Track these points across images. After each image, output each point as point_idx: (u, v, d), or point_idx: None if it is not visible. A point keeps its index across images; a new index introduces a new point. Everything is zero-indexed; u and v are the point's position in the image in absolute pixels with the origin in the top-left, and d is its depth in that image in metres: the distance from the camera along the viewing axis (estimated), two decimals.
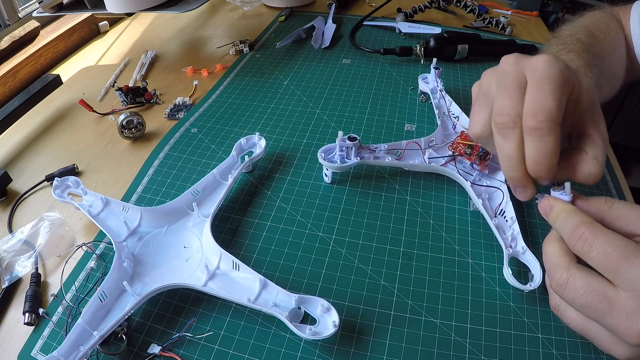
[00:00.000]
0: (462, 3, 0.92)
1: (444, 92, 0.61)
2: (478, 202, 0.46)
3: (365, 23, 0.90)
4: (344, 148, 0.49)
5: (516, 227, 0.43)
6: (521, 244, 0.42)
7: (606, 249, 0.27)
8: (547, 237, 0.33)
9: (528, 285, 0.39)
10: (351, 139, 0.49)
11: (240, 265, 0.40)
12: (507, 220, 0.44)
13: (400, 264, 0.44)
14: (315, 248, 0.45)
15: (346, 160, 0.50)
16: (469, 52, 0.75)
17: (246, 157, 0.52)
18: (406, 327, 0.39)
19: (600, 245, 0.27)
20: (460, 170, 0.49)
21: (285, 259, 0.44)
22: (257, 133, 0.54)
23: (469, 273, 0.43)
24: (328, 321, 0.36)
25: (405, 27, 0.85)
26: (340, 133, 0.48)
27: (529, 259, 0.41)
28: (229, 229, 0.47)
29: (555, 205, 0.32)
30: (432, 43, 0.75)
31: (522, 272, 0.42)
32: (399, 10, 0.93)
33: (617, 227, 0.30)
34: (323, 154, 0.50)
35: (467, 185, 0.48)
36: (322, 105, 0.66)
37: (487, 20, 0.89)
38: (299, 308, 0.38)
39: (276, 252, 0.45)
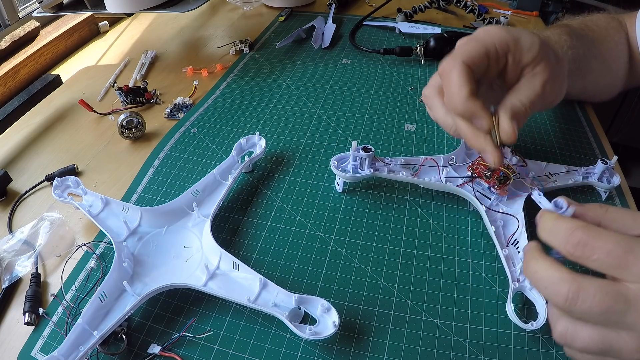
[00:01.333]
0: (462, 3, 0.92)
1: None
2: (491, 230, 0.43)
3: (365, 23, 0.90)
4: (357, 158, 0.48)
5: None
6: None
7: (609, 247, 0.27)
8: (527, 257, 0.30)
9: (530, 324, 0.37)
10: (365, 149, 0.47)
11: (240, 265, 0.40)
12: (519, 252, 0.42)
13: (400, 264, 0.44)
14: (315, 248, 0.45)
15: (359, 170, 0.48)
16: None
17: (246, 157, 0.52)
18: (406, 327, 0.39)
19: (602, 246, 0.27)
20: (477, 192, 0.46)
21: (285, 259, 0.44)
22: (257, 133, 0.54)
23: (469, 273, 0.43)
24: (328, 321, 0.36)
25: (405, 27, 0.85)
26: (354, 143, 0.46)
27: (536, 296, 0.39)
28: (229, 229, 0.47)
29: (544, 215, 0.31)
30: (432, 43, 0.75)
31: (525, 309, 0.40)
32: (399, 10, 0.93)
33: (613, 230, 0.30)
34: (336, 162, 0.49)
35: (482, 210, 0.45)
36: (322, 105, 0.66)
37: (487, 20, 0.89)
38: (299, 308, 0.38)
39: (276, 252, 0.45)
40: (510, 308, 0.38)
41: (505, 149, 0.49)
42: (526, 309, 0.40)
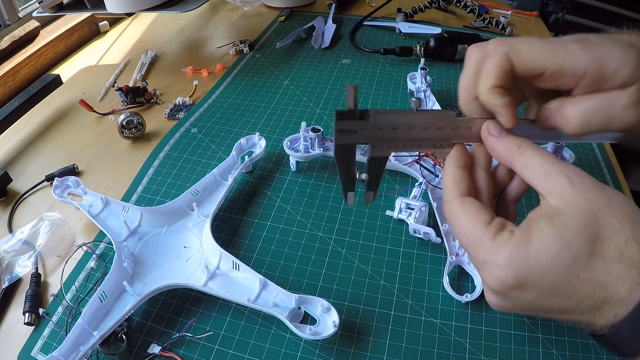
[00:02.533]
0: (462, 3, 0.92)
1: (428, 92, 0.61)
2: (433, 205, 0.46)
3: (365, 23, 0.90)
4: (308, 139, 0.51)
5: None
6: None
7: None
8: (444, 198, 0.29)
9: (465, 296, 0.39)
10: (314, 130, 0.51)
11: (240, 265, 0.40)
12: None
13: (400, 264, 0.44)
14: (315, 248, 0.45)
15: (310, 150, 0.52)
16: None
17: (246, 157, 0.52)
18: (406, 327, 0.39)
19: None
20: (424, 171, 0.49)
21: (285, 259, 0.44)
22: (257, 133, 0.54)
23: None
24: (328, 321, 0.36)
25: (405, 27, 0.85)
26: (303, 124, 0.50)
27: (474, 270, 0.41)
28: (229, 229, 0.47)
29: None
30: (432, 43, 0.75)
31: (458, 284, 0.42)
32: (399, 10, 0.93)
33: (522, 175, 0.28)
34: (289, 143, 0.52)
35: (421, 185, 0.47)
36: (322, 106, 0.66)
37: (487, 20, 0.89)
38: (299, 308, 0.38)
39: (276, 252, 0.45)
40: (446, 280, 0.41)
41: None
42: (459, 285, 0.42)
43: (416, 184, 0.48)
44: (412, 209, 0.45)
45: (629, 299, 0.22)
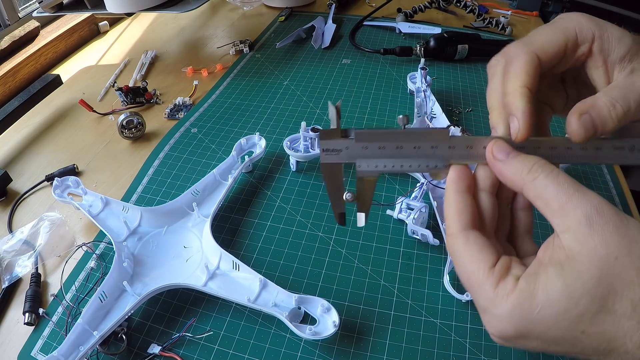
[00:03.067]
0: (462, 3, 0.92)
1: (428, 92, 0.61)
2: (433, 204, 0.45)
3: (365, 23, 0.90)
4: (307, 138, 0.51)
5: None
6: None
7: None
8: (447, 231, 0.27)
9: (466, 295, 0.39)
10: (314, 130, 0.51)
11: (240, 265, 0.40)
12: None
13: (400, 264, 0.44)
14: (315, 248, 0.45)
15: (310, 150, 0.52)
16: (469, 52, 0.75)
17: (246, 157, 0.52)
18: (406, 327, 0.39)
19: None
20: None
21: (285, 259, 0.44)
22: (257, 133, 0.54)
23: None
24: (328, 321, 0.36)
25: (405, 27, 0.85)
26: (303, 124, 0.50)
27: None
28: (229, 229, 0.47)
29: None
30: (432, 43, 0.75)
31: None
32: (399, 10, 0.93)
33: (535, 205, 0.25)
34: (289, 143, 0.52)
35: (425, 185, 0.47)
36: (323, 106, 0.66)
37: (487, 20, 0.89)
38: (299, 308, 0.38)
39: (276, 252, 0.45)
40: (446, 279, 0.40)
41: (454, 128, 0.50)
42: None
43: (417, 184, 0.48)
44: (412, 209, 0.45)
45: (636, 352, 0.21)
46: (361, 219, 0.29)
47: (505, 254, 0.27)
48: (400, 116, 0.29)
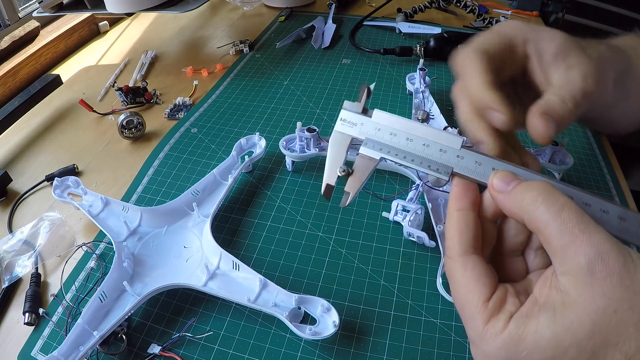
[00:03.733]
0: (462, 3, 0.92)
1: (427, 94, 0.61)
2: (428, 206, 0.45)
3: (365, 23, 0.90)
4: (303, 139, 0.51)
5: None
6: None
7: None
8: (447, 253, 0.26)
9: None
10: (310, 130, 0.51)
11: (240, 265, 0.40)
12: None
13: (400, 264, 0.44)
14: (315, 248, 0.45)
15: (306, 150, 0.52)
16: None
17: (246, 157, 0.52)
18: (406, 327, 0.39)
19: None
20: (420, 172, 0.47)
21: (285, 259, 0.44)
22: (257, 133, 0.54)
23: None
24: (328, 321, 0.36)
25: (405, 27, 0.85)
26: (299, 124, 0.50)
27: None
28: (229, 229, 0.47)
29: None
30: (432, 43, 0.75)
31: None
32: (399, 10, 0.93)
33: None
34: (285, 143, 0.52)
35: (421, 187, 0.47)
36: (322, 105, 0.66)
37: (487, 20, 0.89)
38: (299, 308, 0.38)
39: (276, 252, 0.45)
40: (439, 281, 0.40)
41: (452, 129, 0.50)
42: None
43: (413, 186, 0.48)
44: (408, 211, 0.45)
45: None
46: (346, 198, 0.29)
47: (513, 273, 0.26)
48: (422, 110, 0.29)
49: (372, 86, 0.30)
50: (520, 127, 0.30)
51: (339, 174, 0.29)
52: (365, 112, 0.29)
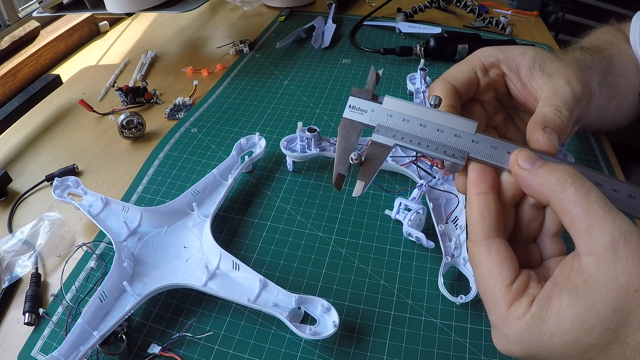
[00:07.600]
0: (462, 3, 0.92)
1: (427, 94, 0.61)
2: (429, 206, 0.45)
3: (365, 23, 0.90)
4: (304, 139, 0.51)
5: (463, 236, 0.42)
6: (464, 254, 0.41)
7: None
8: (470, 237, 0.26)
9: (460, 297, 0.38)
10: (311, 130, 0.51)
11: (240, 265, 0.40)
12: (457, 228, 0.43)
13: (400, 263, 0.44)
14: (315, 248, 0.45)
15: (307, 150, 0.52)
16: (469, 52, 0.75)
17: (246, 157, 0.52)
18: (406, 327, 0.39)
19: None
20: (421, 172, 0.49)
21: (285, 259, 0.44)
22: (257, 133, 0.54)
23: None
24: (328, 321, 0.36)
25: (405, 27, 0.85)
26: (299, 124, 0.50)
27: (469, 271, 0.40)
28: (229, 229, 0.47)
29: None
30: (432, 43, 0.75)
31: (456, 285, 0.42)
32: (399, 10, 0.93)
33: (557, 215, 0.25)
34: (285, 143, 0.52)
35: (422, 187, 0.47)
36: (322, 105, 0.66)
37: (487, 20, 0.89)
38: (299, 308, 0.38)
39: (276, 252, 0.45)
40: (440, 280, 0.40)
41: None
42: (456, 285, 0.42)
43: (417, 185, 0.48)
44: (410, 210, 0.45)
45: None
46: (359, 188, 0.28)
47: (529, 260, 0.26)
48: (433, 95, 0.29)
49: (380, 72, 0.30)
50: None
51: (352, 162, 0.28)
52: (375, 98, 0.29)
